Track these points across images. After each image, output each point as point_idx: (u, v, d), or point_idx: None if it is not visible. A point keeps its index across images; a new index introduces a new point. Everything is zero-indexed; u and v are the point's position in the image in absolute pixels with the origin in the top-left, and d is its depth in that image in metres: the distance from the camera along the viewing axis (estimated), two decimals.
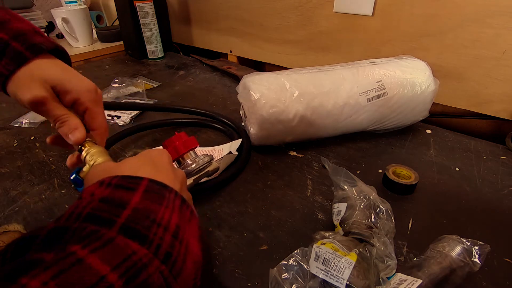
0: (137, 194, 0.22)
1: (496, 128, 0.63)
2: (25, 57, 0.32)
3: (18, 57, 0.31)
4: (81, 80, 0.35)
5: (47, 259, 0.16)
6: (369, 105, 0.51)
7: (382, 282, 0.29)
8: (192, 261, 0.22)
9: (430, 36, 0.60)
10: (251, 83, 0.49)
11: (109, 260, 0.17)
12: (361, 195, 0.36)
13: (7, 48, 0.31)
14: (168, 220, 0.22)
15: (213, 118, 0.62)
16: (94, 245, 0.17)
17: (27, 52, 0.32)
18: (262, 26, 0.86)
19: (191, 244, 0.22)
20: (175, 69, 0.95)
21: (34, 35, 0.33)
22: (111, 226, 0.19)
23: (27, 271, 0.15)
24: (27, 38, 0.32)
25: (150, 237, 0.20)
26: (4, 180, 0.48)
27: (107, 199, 0.21)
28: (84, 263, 0.16)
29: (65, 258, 0.16)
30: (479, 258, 0.30)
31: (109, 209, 0.20)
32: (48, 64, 0.33)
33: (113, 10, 1.31)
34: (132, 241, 0.19)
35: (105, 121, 0.37)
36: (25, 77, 0.31)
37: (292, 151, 0.54)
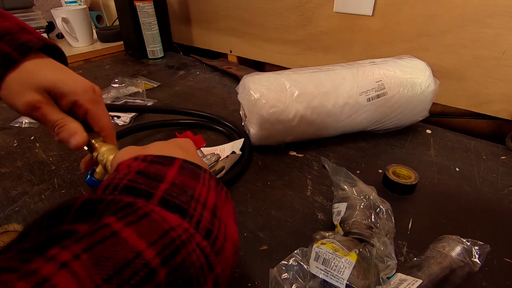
0: (173, 169, 0.21)
1: (496, 128, 0.63)
2: (14, 59, 0.29)
3: (5, 60, 0.29)
4: (77, 80, 0.32)
5: (80, 230, 0.15)
6: (369, 105, 0.51)
7: (382, 282, 0.29)
8: (231, 242, 0.21)
9: (430, 36, 0.60)
10: (251, 83, 0.49)
11: (146, 235, 0.16)
12: (361, 195, 0.36)
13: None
14: (206, 197, 0.21)
15: (212, 120, 0.62)
16: (130, 218, 0.16)
17: (15, 53, 0.29)
18: (262, 26, 0.86)
19: (229, 225, 0.21)
20: (175, 69, 0.95)
21: (21, 33, 0.30)
22: (149, 199, 0.18)
23: (58, 242, 0.14)
24: (13, 37, 0.30)
25: (190, 212, 0.19)
26: (4, 180, 0.48)
27: (143, 171, 0.20)
28: (119, 237, 0.15)
29: (99, 230, 0.15)
30: (479, 258, 0.30)
31: (146, 181, 0.19)
32: (39, 65, 0.31)
33: (113, 10, 1.31)
34: (173, 214, 0.18)
35: (109, 120, 0.35)
36: (16, 83, 0.29)
37: (292, 151, 0.54)
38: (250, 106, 0.49)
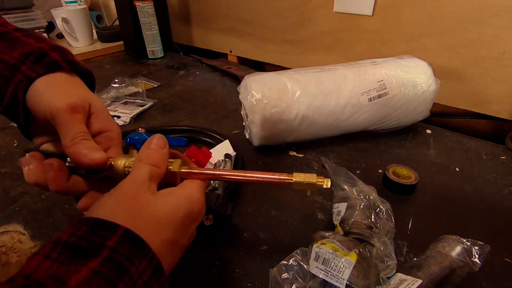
0: (85, 270, 0.17)
1: (496, 128, 0.63)
2: (61, 66, 0.29)
3: (52, 65, 0.29)
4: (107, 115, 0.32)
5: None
6: (371, 105, 0.51)
7: (382, 282, 0.29)
8: None
9: (430, 36, 0.60)
10: (252, 83, 0.49)
11: None
12: (361, 195, 0.36)
13: (44, 57, 0.29)
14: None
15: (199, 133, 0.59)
16: None
17: (64, 63, 0.30)
18: (262, 26, 0.86)
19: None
20: (175, 69, 0.95)
21: (70, 55, 0.32)
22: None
23: None
24: (64, 53, 0.31)
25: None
26: (4, 180, 0.48)
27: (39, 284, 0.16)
28: None
29: None
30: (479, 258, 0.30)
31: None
32: (84, 85, 0.31)
33: (113, 10, 1.31)
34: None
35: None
36: (65, 82, 0.29)
37: (292, 151, 0.54)
38: (252, 106, 0.49)
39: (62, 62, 0.30)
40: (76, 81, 0.31)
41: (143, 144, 0.28)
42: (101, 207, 0.22)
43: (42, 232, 0.39)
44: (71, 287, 0.16)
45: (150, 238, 0.20)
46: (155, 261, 0.20)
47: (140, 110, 0.68)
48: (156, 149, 0.27)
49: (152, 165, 0.26)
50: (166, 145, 0.28)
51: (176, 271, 0.33)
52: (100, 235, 0.19)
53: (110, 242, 0.19)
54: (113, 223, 0.20)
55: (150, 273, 0.19)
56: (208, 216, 0.34)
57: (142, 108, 0.69)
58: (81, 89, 0.30)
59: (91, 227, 0.20)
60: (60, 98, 0.27)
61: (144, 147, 0.27)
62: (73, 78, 0.31)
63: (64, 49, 0.32)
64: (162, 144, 0.28)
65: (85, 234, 0.19)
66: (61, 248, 0.18)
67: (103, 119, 0.31)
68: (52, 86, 0.28)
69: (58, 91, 0.28)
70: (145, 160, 0.26)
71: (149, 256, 0.20)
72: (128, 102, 0.72)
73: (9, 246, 0.37)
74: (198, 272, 0.34)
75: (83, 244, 0.19)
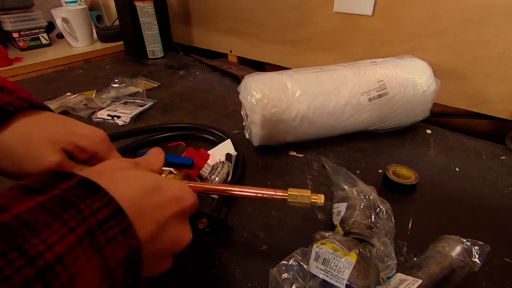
0: (30, 202, 0.17)
1: (496, 128, 0.63)
2: (10, 112, 0.25)
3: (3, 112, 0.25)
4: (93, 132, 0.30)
5: None
6: (371, 105, 0.51)
7: (382, 282, 0.29)
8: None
9: (430, 36, 0.60)
10: (252, 83, 0.49)
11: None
12: (361, 195, 0.36)
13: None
14: (48, 246, 0.16)
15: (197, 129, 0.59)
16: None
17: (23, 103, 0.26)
18: (262, 26, 0.86)
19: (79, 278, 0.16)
20: (175, 69, 0.95)
21: (4, 95, 0.27)
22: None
23: None
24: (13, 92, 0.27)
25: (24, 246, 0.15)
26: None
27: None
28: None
29: None
30: (479, 258, 0.30)
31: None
32: (40, 123, 0.27)
33: (113, 10, 1.31)
34: None
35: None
36: (21, 145, 0.25)
37: (292, 151, 0.54)
38: (252, 106, 0.49)
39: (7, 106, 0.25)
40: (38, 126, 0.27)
41: None
42: (88, 172, 0.23)
43: None
44: (12, 214, 0.16)
45: (111, 188, 0.20)
46: (113, 205, 0.19)
47: (140, 110, 0.68)
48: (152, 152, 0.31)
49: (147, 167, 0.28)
50: (162, 153, 0.31)
51: (176, 271, 0.33)
52: (56, 181, 0.19)
53: (63, 185, 0.19)
54: (72, 173, 0.20)
55: (106, 213, 0.18)
56: (202, 219, 0.34)
57: (142, 108, 0.69)
58: (48, 132, 0.27)
59: (51, 175, 0.20)
60: (41, 159, 0.25)
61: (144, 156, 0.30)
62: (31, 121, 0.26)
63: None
64: (157, 152, 0.31)
65: (44, 180, 0.19)
66: (17, 189, 0.18)
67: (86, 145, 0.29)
68: (9, 151, 0.25)
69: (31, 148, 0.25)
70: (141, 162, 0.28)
71: (106, 198, 0.19)
72: (128, 102, 0.72)
73: None
74: (198, 272, 0.34)
75: (38, 186, 0.19)
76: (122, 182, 0.22)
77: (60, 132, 0.28)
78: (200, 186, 0.31)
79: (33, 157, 0.26)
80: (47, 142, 0.26)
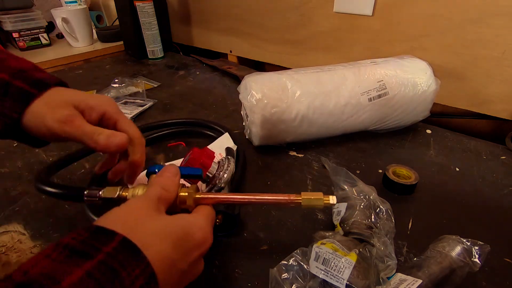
0: (79, 271, 0.18)
1: (496, 128, 0.63)
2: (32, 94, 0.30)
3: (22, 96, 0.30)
4: (100, 96, 0.35)
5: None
6: (371, 105, 0.51)
7: (382, 282, 0.29)
8: None
9: (430, 36, 0.60)
10: (252, 83, 0.49)
11: None
12: (361, 195, 0.36)
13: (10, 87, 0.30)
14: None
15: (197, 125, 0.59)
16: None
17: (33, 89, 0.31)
18: (262, 26, 0.86)
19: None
20: (175, 69, 0.95)
21: (36, 72, 0.33)
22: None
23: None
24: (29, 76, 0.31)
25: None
26: (4, 180, 0.48)
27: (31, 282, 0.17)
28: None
29: None
30: (479, 258, 0.30)
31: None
32: (61, 91, 0.33)
33: (113, 10, 1.31)
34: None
35: (137, 129, 0.36)
36: (43, 105, 0.31)
37: (292, 151, 0.54)
38: (252, 106, 0.49)
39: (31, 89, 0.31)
40: (53, 95, 0.32)
41: None
42: (107, 217, 0.24)
43: (42, 232, 0.39)
44: (64, 287, 0.17)
45: (146, 247, 0.21)
46: (149, 270, 0.20)
47: (140, 110, 0.68)
48: (168, 176, 0.30)
49: (162, 188, 0.28)
50: (178, 174, 0.31)
51: None
52: (98, 241, 0.20)
53: (107, 248, 0.20)
54: (112, 231, 0.21)
55: (142, 281, 0.20)
56: (218, 216, 0.35)
57: (142, 108, 0.69)
58: (62, 98, 0.32)
59: (91, 233, 0.21)
60: (49, 117, 0.30)
61: (157, 175, 0.30)
62: (49, 94, 0.32)
63: (27, 69, 0.32)
64: (174, 173, 0.30)
65: (85, 239, 0.20)
66: (61, 249, 0.19)
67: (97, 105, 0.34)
68: (32, 115, 0.31)
69: (40, 116, 0.31)
70: (157, 183, 0.28)
71: (143, 264, 0.20)
72: (128, 102, 0.72)
73: (9, 246, 0.37)
74: None
75: (82, 247, 0.20)
76: (154, 239, 0.23)
77: (74, 95, 0.33)
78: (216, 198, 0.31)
79: (51, 112, 0.30)
80: (62, 102, 0.32)
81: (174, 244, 0.23)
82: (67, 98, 0.32)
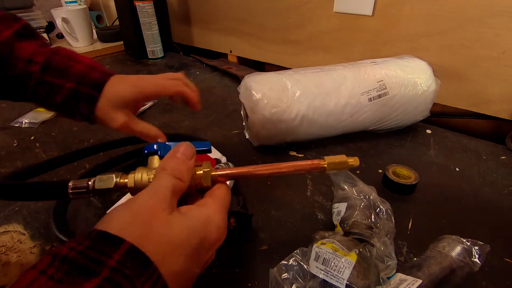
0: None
1: (496, 128, 0.63)
2: (94, 97, 0.37)
3: (89, 99, 0.37)
4: (155, 81, 0.40)
5: None
6: (371, 105, 0.51)
7: (382, 282, 0.29)
8: None
9: (430, 36, 0.60)
10: (252, 83, 0.49)
11: None
12: (361, 195, 0.36)
13: (78, 93, 0.37)
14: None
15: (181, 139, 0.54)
16: None
17: (94, 91, 0.37)
18: (262, 26, 0.86)
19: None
20: (175, 69, 0.95)
21: (92, 72, 0.38)
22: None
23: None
24: (88, 80, 0.37)
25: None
26: None
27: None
28: None
29: None
30: (479, 258, 0.30)
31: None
32: (116, 88, 0.38)
33: (113, 10, 1.31)
34: None
35: (193, 90, 0.42)
36: (105, 110, 0.37)
37: (292, 151, 0.54)
38: (252, 106, 0.49)
39: (93, 91, 0.37)
40: (110, 96, 0.37)
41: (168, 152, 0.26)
42: (112, 219, 0.20)
43: (42, 232, 0.39)
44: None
45: (157, 258, 0.19)
46: (161, 283, 0.18)
47: (140, 110, 0.68)
48: (183, 159, 0.25)
49: (177, 178, 0.24)
50: (194, 156, 0.26)
51: None
52: (102, 252, 0.18)
53: (111, 261, 0.17)
54: (118, 237, 0.19)
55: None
56: (230, 220, 0.33)
57: (142, 108, 0.69)
58: (119, 98, 0.38)
59: (93, 242, 0.18)
60: (110, 123, 0.38)
61: (170, 155, 0.25)
62: (106, 96, 0.37)
63: (83, 72, 0.37)
64: (190, 154, 0.26)
65: (86, 250, 0.18)
66: (59, 264, 0.17)
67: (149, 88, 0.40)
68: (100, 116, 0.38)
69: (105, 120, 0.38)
70: (170, 170, 0.24)
71: (155, 275, 0.18)
72: None
73: (9, 246, 0.37)
74: None
75: (83, 261, 0.17)
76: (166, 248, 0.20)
77: (128, 91, 0.38)
78: (235, 172, 0.27)
79: (111, 120, 0.38)
80: (120, 102, 0.38)
81: (189, 252, 0.21)
82: (123, 94, 0.37)
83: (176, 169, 0.24)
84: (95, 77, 0.37)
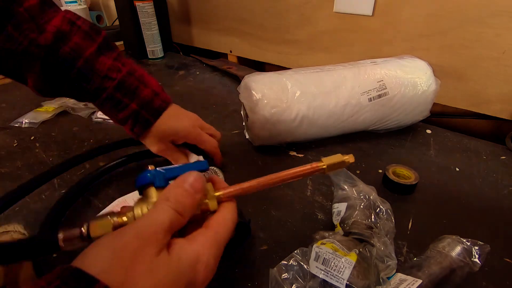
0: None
1: (496, 128, 0.63)
2: (150, 122, 0.42)
3: (146, 123, 0.42)
4: (185, 126, 0.45)
5: None
6: (371, 105, 0.51)
7: (382, 282, 0.29)
8: None
9: (430, 36, 0.60)
10: (252, 83, 0.49)
11: None
12: (361, 195, 0.36)
13: (139, 116, 0.41)
14: None
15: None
16: None
17: (152, 118, 0.42)
18: (262, 26, 0.86)
19: None
20: (175, 69, 0.95)
21: (156, 99, 0.42)
22: None
23: None
24: (151, 106, 0.42)
25: None
26: (4, 180, 0.48)
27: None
28: None
29: None
30: (479, 258, 0.30)
31: None
32: (167, 124, 0.43)
33: (113, 10, 1.31)
34: None
35: (212, 143, 0.47)
36: (151, 137, 0.43)
37: (292, 151, 0.54)
38: (252, 106, 0.49)
39: (151, 117, 0.42)
40: (159, 127, 0.43)
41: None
42: (92, 257, 0.18)
43: None
44: None
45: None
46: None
47: None
48: (190, 193, 0.23)
49: (177, 212, 0.21)
50: (203, 190, 0.24)
51: None
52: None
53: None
54: (92, 277, 0.17)
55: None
56: None
57: None
58: (163, 132, 0.43)
59: (63, 281, 0.16)
60: (153, 147, 0.44)
61: (177, 184, 0.23)
62: (158, 124, 0.43)
63: (148, 97, 0.42)
64: (199, 188, 0.23)
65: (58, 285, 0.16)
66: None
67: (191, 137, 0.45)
68: (146, 139, 0.44)
69: (151, 143, 0.44)
70: (173, 203, 0.22)
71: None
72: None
73: None
74: None
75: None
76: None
77: (171, 129, 0.44)
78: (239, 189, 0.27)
79: (153, 145, 0.44)
80: (164, 134, 0.44)
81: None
82: (166, 129, 0.43)
83: (180, 203, 0.22)
84: (156, 105, 0.42)
